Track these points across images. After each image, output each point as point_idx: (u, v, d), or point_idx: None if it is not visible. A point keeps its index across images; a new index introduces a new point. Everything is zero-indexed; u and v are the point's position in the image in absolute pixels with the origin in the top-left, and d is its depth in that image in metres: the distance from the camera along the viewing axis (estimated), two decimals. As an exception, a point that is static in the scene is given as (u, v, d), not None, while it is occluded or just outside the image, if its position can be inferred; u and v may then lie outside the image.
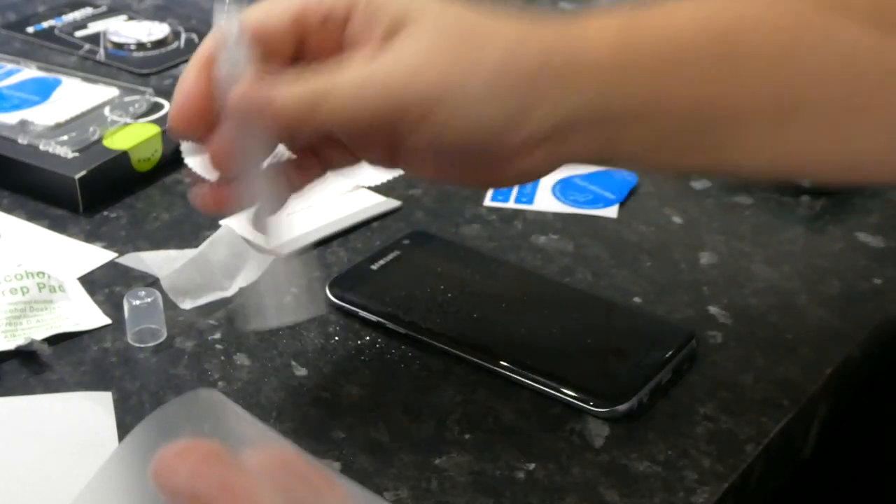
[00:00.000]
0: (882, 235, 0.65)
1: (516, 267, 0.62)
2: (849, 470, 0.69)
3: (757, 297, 0.59)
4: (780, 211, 0.68)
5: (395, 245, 0.62)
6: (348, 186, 0.69)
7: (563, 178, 0.71)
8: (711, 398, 0.52)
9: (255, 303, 0.49)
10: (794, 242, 0.65)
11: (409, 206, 0.68)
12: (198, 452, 0.29)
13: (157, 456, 0.29)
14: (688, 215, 0.67)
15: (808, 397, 0.53)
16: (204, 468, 0.29)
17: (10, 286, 0.57)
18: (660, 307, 0.59)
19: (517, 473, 0.48)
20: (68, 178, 0.66)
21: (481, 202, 0.68)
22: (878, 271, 0.62)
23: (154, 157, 0.70)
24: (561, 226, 0.66)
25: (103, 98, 0.74)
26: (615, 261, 0.63)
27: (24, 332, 0.55)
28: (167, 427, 0.31)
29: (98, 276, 0.61)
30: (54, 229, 0.65)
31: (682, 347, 0.54)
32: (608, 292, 0.60)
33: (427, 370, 0.54)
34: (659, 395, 0.52)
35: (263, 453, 0.31)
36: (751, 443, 0.50)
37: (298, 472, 0.31)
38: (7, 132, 0.70)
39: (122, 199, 0.68)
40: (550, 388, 0.52)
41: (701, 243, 0.64)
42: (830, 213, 0.67)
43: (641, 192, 0.70)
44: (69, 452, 0.48)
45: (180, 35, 0.90)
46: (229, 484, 0.29)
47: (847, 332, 0.57)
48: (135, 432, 0.32)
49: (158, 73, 0.85)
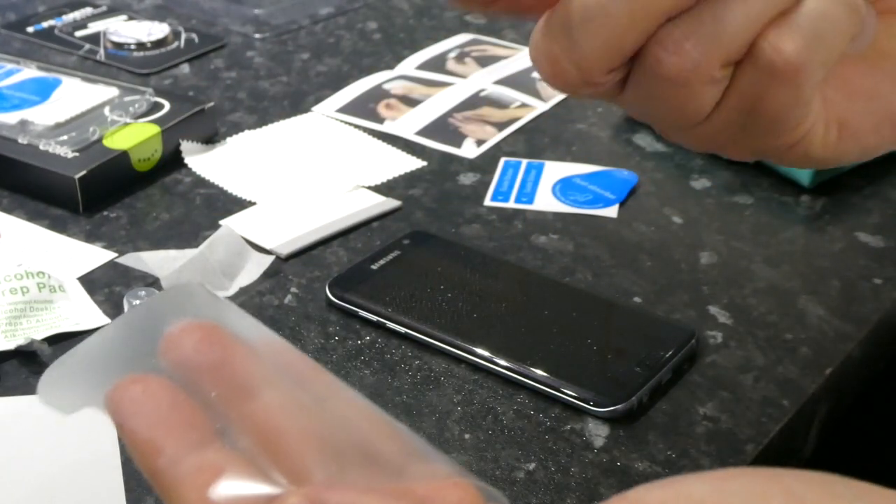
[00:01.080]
0: (882, 235, 0.65)
1: (516, 267, 0.62)
2: (849, 470, 0.69)
3: (757, 297, 0.59)
4: (780, 211, 0.68)
5: (395, 245, 0.62)
6: (348, 186, 0.69)
7: (563, 178, 0.71)
8: (711, 398, 0.52)
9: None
10: (794, 242, 0.65)
11: (409, 206, 0.68)
12: (202, 330, 0.30)
13: (166, 333, 0.30)
14: (688, 215, 0.67)
15: (808, 397, 0.53)
16: (206, 344, 0.30)
17: (10, 286, 0.57)
18: (660, 307, 0.59)
19: (517, 473, 0.48)
20: (68, 177, 0.66)
21: (481, 202, 0.68)
22: (878, 271, 0.62)
23: (154, 157, 0.70)
24: (561, 226, 0.66)
25: (103, 98, 0.74)
26: (615, 261, 0.63)
27: (24, 332, 0.55)
28: (165, 310, 0.32)
29: (98, 276, 0.61)
30: (54, 229, 0.65)
31: (682, 347, 0.54)
32: (608, 292, 0.60)
33: (427, 370, 0.54)
34: (659, 395, 0.52)
35: (263, 342, 0.32)
36: (751, 443, 0.50)
37: (293, 358, 0.32)
38: (7, 132, 0.70)
39: (121, 199, 0.68)
40: (550, 388, 0.52)
41: (701, 243, 0.64)
42: (830, 213, 0.67)
43: (641, 192, 0.70)
44: (69, 452, 0.48)
45: (180, 35, 0.90)
46: (230, 359, 0.30)
47: (847, 332, 0.57)
48: (129, 314, 0.33)
49: (158, 73, 0.85)
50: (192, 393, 0.29)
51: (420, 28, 0.95)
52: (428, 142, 0.76)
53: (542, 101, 0.82)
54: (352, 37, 0.93)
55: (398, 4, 1.00)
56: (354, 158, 0.74)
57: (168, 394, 0.29)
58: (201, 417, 0.29)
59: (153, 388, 0.29)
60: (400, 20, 0.97)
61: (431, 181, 0.71)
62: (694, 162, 0.73)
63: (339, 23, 0.96)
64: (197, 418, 0.28)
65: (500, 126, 0.78)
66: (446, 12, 0.99)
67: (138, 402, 0.28)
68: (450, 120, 0.79)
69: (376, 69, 0.87)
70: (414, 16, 0.98)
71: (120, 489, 0.46)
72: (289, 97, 0.82)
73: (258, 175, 0.71)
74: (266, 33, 0.93)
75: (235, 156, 0.73)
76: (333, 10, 0.98)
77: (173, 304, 0.32)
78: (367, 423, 0.30)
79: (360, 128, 0.78)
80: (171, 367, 0.30)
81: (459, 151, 0.75)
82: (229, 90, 0.83)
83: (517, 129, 0.78)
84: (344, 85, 0.84)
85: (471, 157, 0.74)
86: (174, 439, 0.28)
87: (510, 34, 0.94)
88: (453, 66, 0.87)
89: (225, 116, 0.79)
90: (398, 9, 0.99)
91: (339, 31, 0.94)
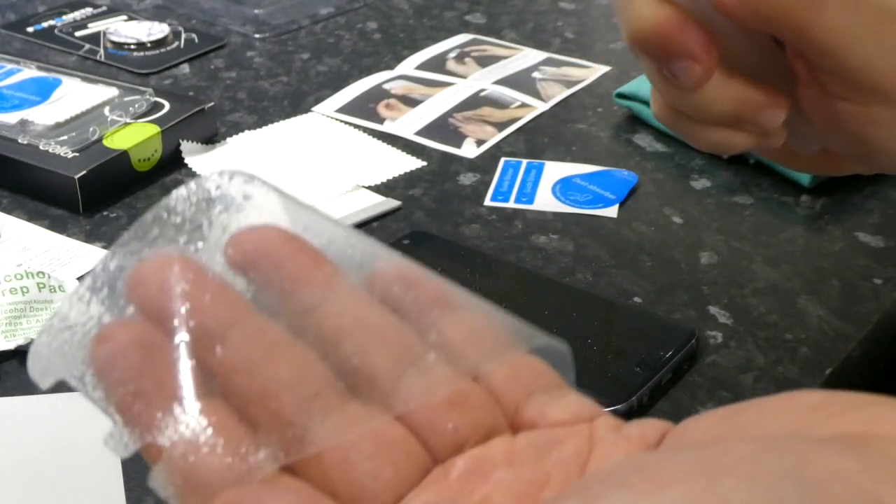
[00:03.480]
0: (882, 235, 0.65)
1: (516, 267, 0.62)
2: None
3: (757, 297, 0.59)
4: (780, 211, 0.68)
5: (395, 245, 0.62)
6: (348, 186, 0.69)
7: (563, 178, 0.71)
8: (711, 398, 0.52)
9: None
10: (794, 242, 0.65)
11: (409, 206, 0.68)
12: (170, 266, 0.28)
13: (133, 268, 0.29)
14: (688, 215, 0.67)
15: (808, 397, 0.53)
16: (171, 282, 0.28)
17: (10, 286, 0.57)
18: (660, 307, 0.59)
19: (517, 473, 0.48)
20: (68, 177, 0.66)
21: (481, 202, 0.68)
22: (878, 271, 0.62)
23: (154, 157, 0.70)
24: (561, 226, 0.66)
25: (103, 98, 0.74)
26: (615, 261, 0.63)
27: (24, 332, 0.55)
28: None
29: (98, 276, 0.61)
30: (54, 229, 0.65)
31: (682, 347, 0.54)
32: (608, 292, 0.60)
33: (427, 370, 0.54)
34: (659, 395, 0.52)
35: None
36: (751, 443, 0.50)
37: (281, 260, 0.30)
38: (7, 132, 0.70)
39: (121, 199, 0.68)
40: (550, 388, 0.52)
41: (701, 243, 0.64)
42: (830, 213, 0.67)
43: (641, 192, 0.70)
44: (69, 452, 0.48)
45: (180, 35, 0.90)
46: (197, 300, 0.28)
47: (847, 332, 0.57)
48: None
49: (158, 73, 0.85)
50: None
51: (420, 28, 0.95)
52: (428, 142, 0.76)
53: (542, 101, 0.82)
54: (352, 37, 0.93)
55: (398, 4, 1.00)
56: (354, 158, 0.74)
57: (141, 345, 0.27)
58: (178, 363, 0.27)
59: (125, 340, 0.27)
60: (400, 20, 0.97)
61: (431, 181, 0.71)
62: (694, 162, 0.73)
63: (339, 23, 0.96)
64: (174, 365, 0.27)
65: (500, 126, 0.78)
66: (446, 12, 0.99)
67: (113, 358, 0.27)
68: (450, 120, 0.79)
69: (376, 69, 0.87)
70: (414, 16, 0.98)
71: (120, 489, 0.46)
72: (289, 97, 0.82)
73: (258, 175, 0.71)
74: (266, 33, 0.93)
75: (235, 156, 0.73)
76: (333, 10, 0.98)
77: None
78: (361, 330, 0.29)
79: (360, 128, 0.78)
80: (137, 308, 0.28)
81: (459, 151, 0.75)
82: (229, 90, 0.83)
83: (517, 129, 0.78)
84: (344, 85, 0.84)
85: (471, 157, 0.74)
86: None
87: (510, 34, 0.94)
88: (453, 66, 0.87)
89: (225, 116, 0.79)
90: (398, 9, 0.99)
91: (339, 31, 0.94)
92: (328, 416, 0.27)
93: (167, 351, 0.27)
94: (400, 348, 0.29)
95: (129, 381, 0.27)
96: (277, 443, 0.27)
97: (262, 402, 0.27)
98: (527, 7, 1.00)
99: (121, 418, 0.27)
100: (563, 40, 0.93)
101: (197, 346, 0.28)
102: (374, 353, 0.28)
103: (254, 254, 0.30)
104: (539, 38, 0.94)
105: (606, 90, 0.83)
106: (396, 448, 0.27)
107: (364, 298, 0.30)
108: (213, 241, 0.30)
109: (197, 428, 0.26)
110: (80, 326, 0.29)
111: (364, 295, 0.30)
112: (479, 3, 1.01)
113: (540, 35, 0.94)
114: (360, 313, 0.29)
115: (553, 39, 0.93)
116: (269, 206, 0.32)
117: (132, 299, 0.28)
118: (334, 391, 0.28)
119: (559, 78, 0.85)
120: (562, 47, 0.92)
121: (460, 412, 0.28)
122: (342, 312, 0.29)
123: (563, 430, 0.28)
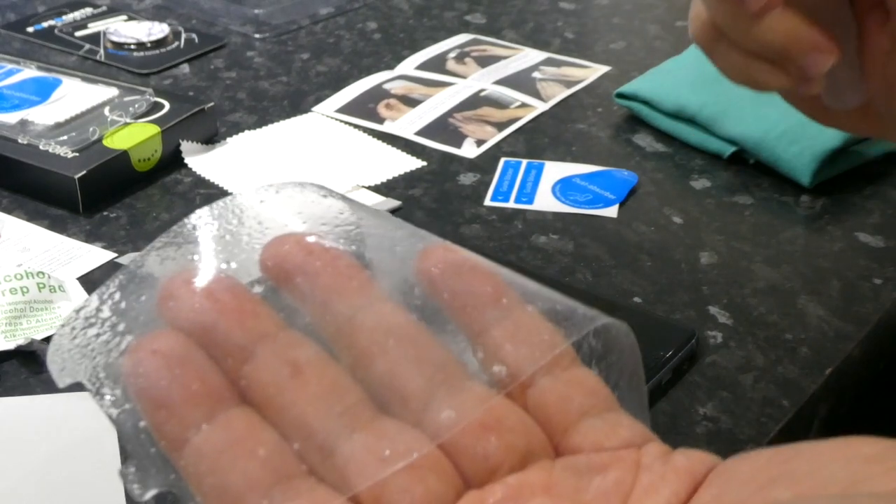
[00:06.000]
0: (882, 235, 0.65)
1: (516, 267, 0.62)
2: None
3: (757, 297, 0.59)
4: (780, 211, 0.68)
5: (395, 245, 0.62)
6: (348, 186, 0.69)
7: (563, 178, 0.71)
8: (711, 398, 0.52)
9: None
10: (794, 242, 0.65)
11: (409, 206, 0.68)
12: (202, 280, 0.28)
13: (164, 284, 0.28)
14: (688, 215, 0.67)
15: (808, 397, 0.53)
16: (202, 296, 0.28)
17: (10, 286, 0.57)
18: (660, 307, 0.59)
19: (517, 473, 0.48)
20: (68, 177, 0.66)
21: (481, 202, 0.68)
22: (878, 271, 0.62)
23: (154, 157, 0.70)
24: (561, 226, 0.66)
25: (103, 98, 0.74)
26: (615, 261, 0.63)
27: (24, 332, 0.55)
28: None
29: (98, 276, 0.61)
30: (54, 229, 0.65)
31: (682, 347, 0.54)
32: (608, 292, 0.60)
33: (427, 370, 0.54)
34: (659, 395, 0.52)
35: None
36: (751, 443, 0.50)
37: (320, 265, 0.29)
38: (7, 132, 0.70)
39: (121, 199, 0.68)
40: (550, 388, 0.52)
41: (701, 243, 0.64)
42: (830, 213, 0.67)
43: (641, 192, 0.70)
44: (69, 452, 0.48)
45: (180, 35, 0.90)
46: (227, 314, 0.28)
47: (847, 332, 0.57)
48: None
49: (158, 73, 0.85)
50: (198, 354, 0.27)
51: (420, 28, 0.95)
52: (428, 142, 0.76)
53: (542, 101, 0.82)
54: (352, 37, 0.93)
55: (398, 4, 1.00)
56: (354, 158, 0.74)
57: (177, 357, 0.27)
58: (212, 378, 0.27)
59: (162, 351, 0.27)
60: (400, 20, 0.97)
61: (431, 181, 0.71)
62: (694, 162, 0.73)
63: (339, 23, 0.96)
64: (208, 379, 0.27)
65: (500, 126, 0.78)
66: (446, 12, 0.99)
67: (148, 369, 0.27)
68: (450, 120, 0.79)
69: (376, 69, 0.87)
70: (414, 16, 0.98)
71: (120, 489, 0.46)
72: (289, 97, 0.82)
73: (258, 175, 0.71)
74: (266, 33, 0.93)
75: (235, 156, 0.73)
76: (333, 10, 0.98)
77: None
78: (393, 345, 0.28)
79: (360, 128, 0.78)
80: (169, 324, 0.28)
81: (459, 151, 0.75)
82: (229, 90, 0.83)
83: (517, 129, 0.78)
84: (344, 85, 0.84)
85: (471, 157, 0.74)
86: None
87: (510, 34, 0.94)
88: (453, 66, 0.87)
89: (225, 116, 0.79)
90: (398, 9, 0.99)
91: (339, 31, 0.94)
92: (356, 432, 0.27)
93: (197, 363, 0.27)
94: (433, 366, 0.28)
95: (158, 392, 0.27)
96: (305, 456, 0.26)
97: (290, 417, 0.27)
98: (527, 7, 1.00)
99: (149, 424, 0.27)
100: (563, 40, 0.93)
101: (226, 360, 0.27)
102: (405, 372, 0.28)
103: (287, 265, 0.29)
104: (539, 38, 0.94)
105: (606, 90, 0.83)
106: (427, 467, 0.27)
107: (398, 310, 0.29)
108: (247, 251, 0.30)
109: (226, 437, 0.26)
110: (107, 325, 0.29)
111: (398, 306, 0.30)
112: (479, 3, 1.01)
113: (540, 35, 0.94)
114: (392, 327, 0.29)
115: (553, 39, 0.93)
116: (301, 202, 0.31)
117: (162, 313, 0.28)
118: (364, 408, 0.27)
119: (559, 78, 0.85)
120: (562, 47, 0.92)
121: (494, 436, 0.27)
122: (375, 327, 0.29)
123: (607, 456, 0.27)
